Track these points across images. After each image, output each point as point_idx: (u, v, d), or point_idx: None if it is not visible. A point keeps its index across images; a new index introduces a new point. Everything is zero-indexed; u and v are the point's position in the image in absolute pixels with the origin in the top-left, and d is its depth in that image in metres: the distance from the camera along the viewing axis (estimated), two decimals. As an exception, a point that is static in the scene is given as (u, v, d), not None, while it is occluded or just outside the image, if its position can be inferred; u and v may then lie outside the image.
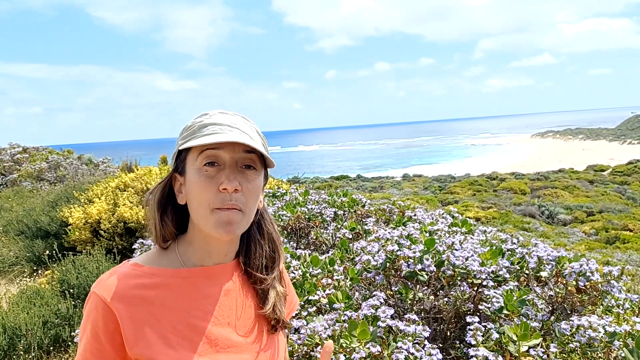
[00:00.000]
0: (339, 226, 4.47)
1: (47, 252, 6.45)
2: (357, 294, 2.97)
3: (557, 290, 2.56)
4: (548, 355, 2.05)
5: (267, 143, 1.20)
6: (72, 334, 4.34)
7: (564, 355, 2.09)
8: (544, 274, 2.57)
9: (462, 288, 2.72)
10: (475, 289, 2.69)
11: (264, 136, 1.20)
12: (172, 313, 1.09)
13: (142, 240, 4.24)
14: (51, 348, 4.41)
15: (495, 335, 2.10)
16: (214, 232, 1.09)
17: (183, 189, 1.15)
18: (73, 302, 4.79)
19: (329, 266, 3.04)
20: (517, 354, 2.04)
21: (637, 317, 2.23)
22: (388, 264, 2.74)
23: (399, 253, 2.71)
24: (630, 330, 1.89)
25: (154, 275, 1.11)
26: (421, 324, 2.12)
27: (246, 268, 1.22)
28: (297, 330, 2.16)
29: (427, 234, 3.19)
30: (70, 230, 6.94)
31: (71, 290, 5.00)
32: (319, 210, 4.64)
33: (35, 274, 6.81)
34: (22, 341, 4.27)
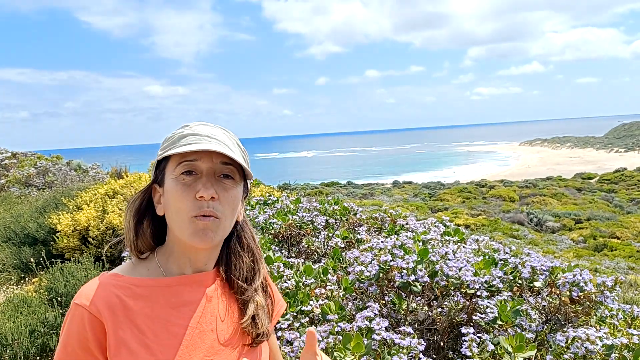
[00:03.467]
0: (330, 234, 4.44)
1: (35, 259, 6.36)
2: (350, 304, 2.95)
3: (551, 300, 2.56)
4: (543, 367, 2.04)
5: (247, 156, 1.21)
6: (60, 343, 4.27)
7: (558, 366, 2.08)
8: (537, 284, 2.57)
9: (455, 298, 2.70)
10: (469, 299, 2.67)
11: (245, 149, 1.21)
12: (153, 322, 1.09)
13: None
14: (38, 358, 4.34)
15: (491, 347, 2.08)
16: (191, 240, 1.10)
17: (162, 199, 1.15)
18: (61, 311, 4.72)
19: (322, 275, 3.02)
20: (512, 366, 2.03)
21: (631, 328, 2.22)
22: (381, 274, 2.72)
23: (392, 263, 2.70)
24: (628, 343, 1.89)
25: (134, 285, 1.12)
26: (416, 336, 2.10)
27: (228, 277, 1.23)
28: (290, 343, 2.14)
29: (420, 244, 3.18)
30: (58, 237, 6.86)
31: (59, 299, 4.93)
32: (310, 218, 4.61)
33: (22, 281, 6.72)
34: (8, 351, 4.19)
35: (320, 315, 2.57)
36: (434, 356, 2.62)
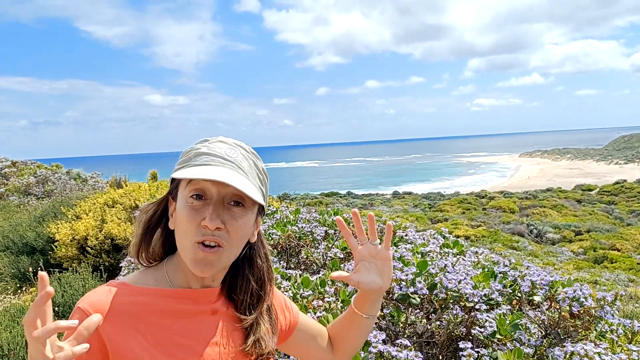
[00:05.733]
0: (330, 245, 4.43)
1: (33, 268, 6.33)
2: (348, 316, 2.93)
3: (550, 314, 2.54)
4: (542, 382, 2.02)
5: (266, 175, 1.19)
6: (56, 354, 4.24)
7: (558, 381, 2.06)
8: (537, 298, 2.55)
9: (454, 311, 2.69)
10: (468, 312, 2.66)
11: (264, 169, 1.18)
12: (158, 331, 1.09)
13: (129, 258, 4.17)
14: (34, 368, 4.30)
15: (489, 362, 2.07)
16: (191, 267, 1.10)
17: (175, 214, 1.15)
18: (58, 321, 4.69)
19: (320, 287, 3.00)
20: (511, 381, 2.01)
21: (631, 343, 2.21)
22: (380, 286, 2.70)
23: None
24: (627, 359, 1.87)
25: (140, 294, 1.11)
26: (413, 349, 2.08)
27: (230, 297, 1.22)
28: (287, 356, 2.12)
29: (419, 256, 3.16)
30: (56, 246, 6.84)
31: (56, 309, 4.91)
32: (309, 229, 4.60)
33: (19, 291, 6.69)
34: (4, 361, 4.17)
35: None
36: (433, 370, 2.60)
